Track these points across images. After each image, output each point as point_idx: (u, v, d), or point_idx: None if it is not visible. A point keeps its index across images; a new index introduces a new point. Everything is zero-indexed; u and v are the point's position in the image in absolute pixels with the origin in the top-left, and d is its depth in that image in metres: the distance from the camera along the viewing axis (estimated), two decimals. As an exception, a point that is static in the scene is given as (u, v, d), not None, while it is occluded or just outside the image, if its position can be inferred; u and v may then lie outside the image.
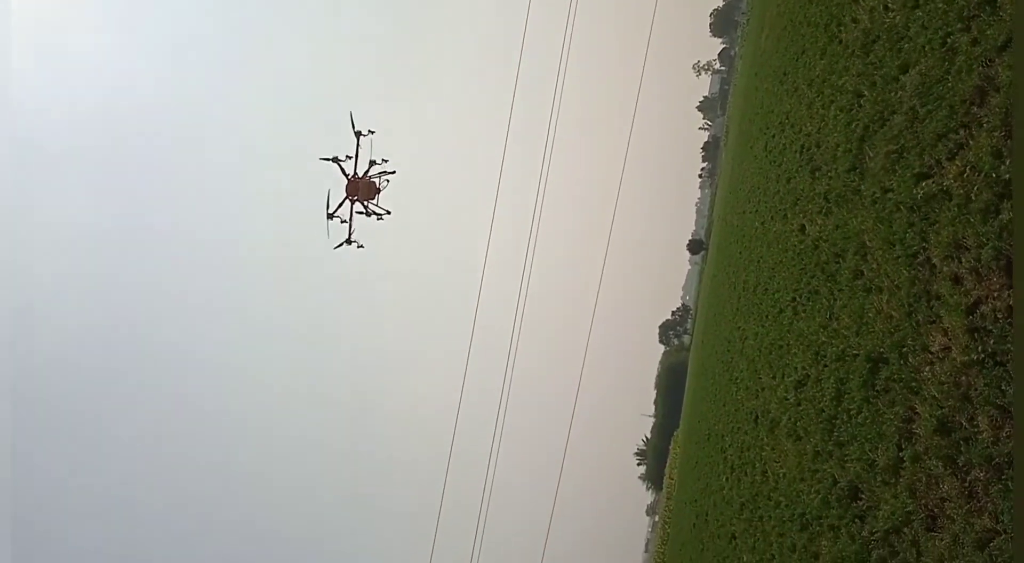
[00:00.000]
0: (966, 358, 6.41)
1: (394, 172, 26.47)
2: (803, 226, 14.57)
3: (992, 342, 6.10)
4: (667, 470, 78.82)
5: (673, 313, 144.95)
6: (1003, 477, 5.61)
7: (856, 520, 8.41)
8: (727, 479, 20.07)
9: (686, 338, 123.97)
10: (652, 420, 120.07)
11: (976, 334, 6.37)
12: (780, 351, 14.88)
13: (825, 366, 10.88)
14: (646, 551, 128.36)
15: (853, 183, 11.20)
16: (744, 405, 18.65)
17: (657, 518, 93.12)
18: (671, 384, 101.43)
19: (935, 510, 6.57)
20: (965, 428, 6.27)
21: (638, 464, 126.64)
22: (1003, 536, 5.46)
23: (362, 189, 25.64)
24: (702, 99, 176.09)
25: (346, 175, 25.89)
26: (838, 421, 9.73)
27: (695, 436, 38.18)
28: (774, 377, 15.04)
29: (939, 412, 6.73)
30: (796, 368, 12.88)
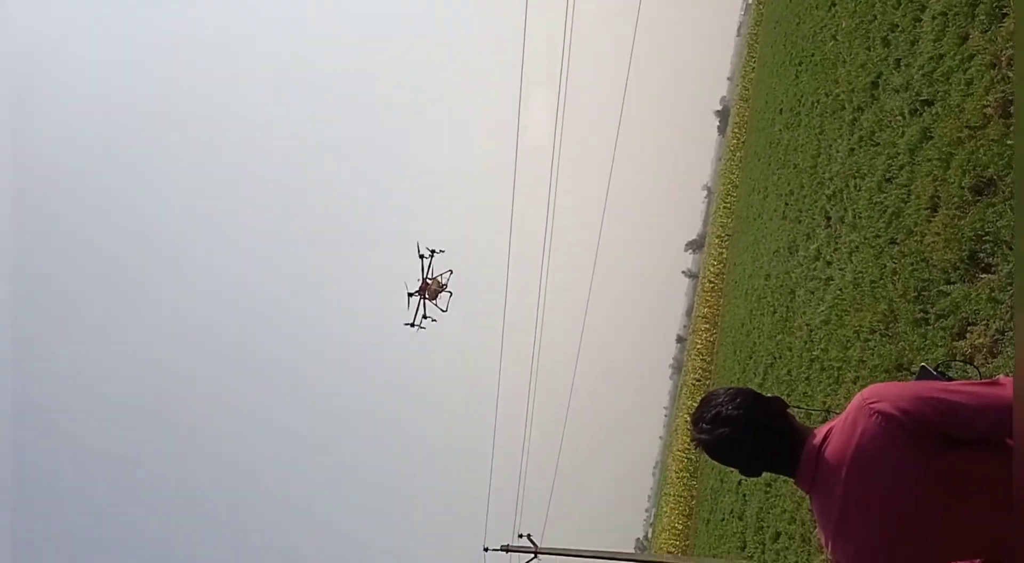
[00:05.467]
0: None
1: (451, 272, 32.41)
2: None
3: None
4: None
5: None
6: None
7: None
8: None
9: None
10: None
11: None
12: None
13: None
14: (738, 35, 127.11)
15: None
16: None
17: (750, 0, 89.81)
18: None
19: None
20: None
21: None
22: None
23: (430, 291, 31.66)
24: None
25: (414, 293, 31.68)
26: None
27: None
28: None
29: None
30: None
